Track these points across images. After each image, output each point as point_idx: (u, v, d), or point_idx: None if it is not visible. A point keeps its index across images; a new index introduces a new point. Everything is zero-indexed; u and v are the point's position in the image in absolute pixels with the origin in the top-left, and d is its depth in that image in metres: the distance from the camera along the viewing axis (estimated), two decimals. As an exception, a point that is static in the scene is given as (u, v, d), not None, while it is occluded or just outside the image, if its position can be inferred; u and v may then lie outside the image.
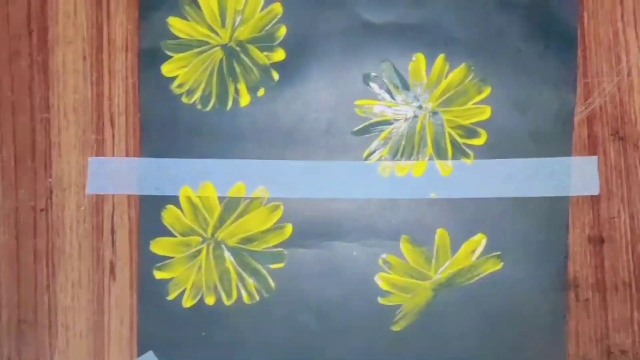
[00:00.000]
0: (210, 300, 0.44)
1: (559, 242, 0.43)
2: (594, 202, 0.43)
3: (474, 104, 0.43)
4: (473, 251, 0.43)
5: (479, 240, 0.43)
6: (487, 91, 0.43)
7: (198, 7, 0.44)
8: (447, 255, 0.43)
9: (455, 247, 0.43)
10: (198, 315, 0.44)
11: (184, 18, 0.44)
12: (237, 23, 0.44)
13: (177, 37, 0.44)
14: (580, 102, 0.43)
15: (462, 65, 0.43)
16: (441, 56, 0.43)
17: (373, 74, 0.43)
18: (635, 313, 0.43)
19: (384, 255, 0.43)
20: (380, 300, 0.43)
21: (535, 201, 0.43)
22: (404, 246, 0.43)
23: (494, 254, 0.43)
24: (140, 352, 0.45)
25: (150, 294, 0.44)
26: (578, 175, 0.43)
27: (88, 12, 0.44)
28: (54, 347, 0.45)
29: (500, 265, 0.43)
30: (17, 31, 0.44)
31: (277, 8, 0.43)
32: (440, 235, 0.43)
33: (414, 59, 0.43)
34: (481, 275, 0.43)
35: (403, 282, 0.44)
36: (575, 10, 0.42)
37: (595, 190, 0.43)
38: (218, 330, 0.44)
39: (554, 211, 0.43)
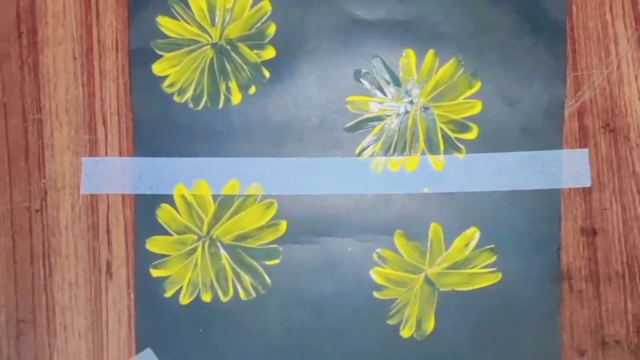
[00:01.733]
0: (207, 297, 0.44)
1: (552, 234, 0.43)
2: (586, 194, 0.43)
3: (464, 98, 0.43)
4: (467, 245, 0.43)
5: (473, 234, 0.43)
6: (477, 86, 0.43)
7: (187, 6, 0.44)
8: (441, 249, 0.43)
9: (449, 241, 0.43)
10: (195, 312, 0.44)
11: (174, 17, 0.43)
12: (226, 21, 0.43)
13: (167, 37, 0.43)
14: (570, 95, 0.43)
15: (452, 60, 0.43)
16: (431, 51, 0.43)
17: (364, 71, 0.43)
18: (628, 303, 0.43)
19: (378, 250, 0.43)
20: (375, 294, 0.43)
21: (527, 194, 0.43)
22: (398, 241, 0.43)
23: (488, 247, 0.43)
24: (139, 350, 0.44)
25: (147, 292, 0.44)
26: (569, 168, 0.43)
27: (77, 12, 0.43)
28: (53, 346, 0.46)
29: (494, 258, 0.43)
30: (7, 33, 0.44)
31: (266, 6, 0.43)
32: (434, 229, 0.43)
33: (404, 54, 0.43)
34: (476, 268, 0.44)
35: (398, 276, 0.43)
36: (563, 3, 0.42)
37: (586, 183, 0.43)
38: (215, 326, 0.44)
39: (546, 203, 0.43)
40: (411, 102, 0.43)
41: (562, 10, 0.42)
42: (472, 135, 0.43)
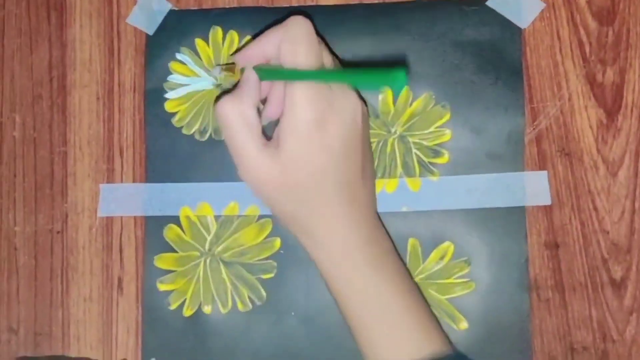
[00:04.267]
0: (207, 310, 0.46)
1: (519, 247, 0.45)
2: (547, 211, 0.46)
3: (436, 128, 0.47)
4: (442, 257, 0.46)
5: (447, 248, 0.46)
6: (447, 117, 0.46)
7: (196, 53, 0.51)
8: (418, 261, 0.46)
9: (426, 254, 0.46)
10: (197, 323, 0.46)
11: (184, 63, 0.49)
12: (230, 66, 0.48)
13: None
14: (528, 124, 0.46)
15: (424, 95, 0.46)
16: (405, 88, 0.47)
17: None
18: (593, 311, 0.45)
19: None
20: None
21: (495, 211, 0.46)
22: None
23: (462, 259, 0.45)
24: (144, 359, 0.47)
25: (153, 305, 0.46)
26: (531, 188, 0.46)
27: (102, 60, 0.48)
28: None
29: (468, 269, 0.45)
30: (40, 78, 0.48)
31: None
32: (412, 244, 0.46)
33: (382, 91, 0.47)
34: (451, 279, 0.46)
35: None
36: (518, 46, 0.46)
37: (547, 201, 0.46)
38: (215, 336, 0.46)
39: (512, 220, 0.45)
40: (389, 132, 0.47)
41: (517, 53, 0.46)
42: (443, 159, 0.47)
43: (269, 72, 0.40)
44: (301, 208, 0.39)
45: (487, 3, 0.47)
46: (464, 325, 0.46)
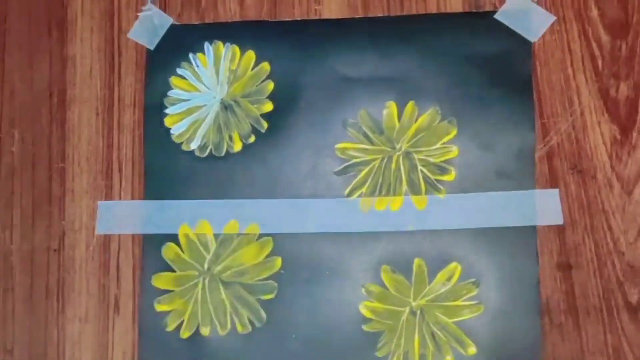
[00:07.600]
0: (205, 332, 0.44)
1: (530, 269, 0.42)
2: (560, 231, 0.43)
3: (442, 144, 0.44)
4: (449, 279, 0.43)
5: (454, 268, 0.43)
6: (453, 132, 0.44)
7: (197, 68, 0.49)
8: (424, 282, 0.43)
9: (432, 275, 0.43)
10: (194, 345, 0.44)
11: (185, 78, 0.48)
12: (231, 81, 0.47)
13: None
14: (539, 140, 0.44)
15: (430, 110, 0.44)
16: (411, 102, 0.44)
17: (351, 121, 0.45)
18: (608, 336, 0.42)
19: (366, 285, 0.43)
20: (364, 327, 0.43)
21: (504, 231, 0.43)
22: (384, 275, 0.43)
23: (469, 280, 0.43)
24: (140, 383, 0.45)
25: (150, 326, 0.44)
26: (542, 207, 0.43)
27: (102, 75, 0.47)
28: (61, 380, 0.47)
29: (475, 291, 0.43)
30: (40, 93, 0.47)
31: (266, 66, 0.46)
32: (418, 264, 0.43)
33: (386, 106, 0.46)
34: (458, 301, 0.44)
35: (385, 309, 0.43)
36: (528, 60, 0.44)
37: (559, 220, 0.43)
38: (213, 359, 0.44)
39: (522, 240, 0.43)
40: (394, 148, 0.45)
41: (527, 66, 0.44)
42: (450, 177, 0.44)
43: None
44: None
45: (496, 16, 0.45)
46: (472, 350, 0.43)
